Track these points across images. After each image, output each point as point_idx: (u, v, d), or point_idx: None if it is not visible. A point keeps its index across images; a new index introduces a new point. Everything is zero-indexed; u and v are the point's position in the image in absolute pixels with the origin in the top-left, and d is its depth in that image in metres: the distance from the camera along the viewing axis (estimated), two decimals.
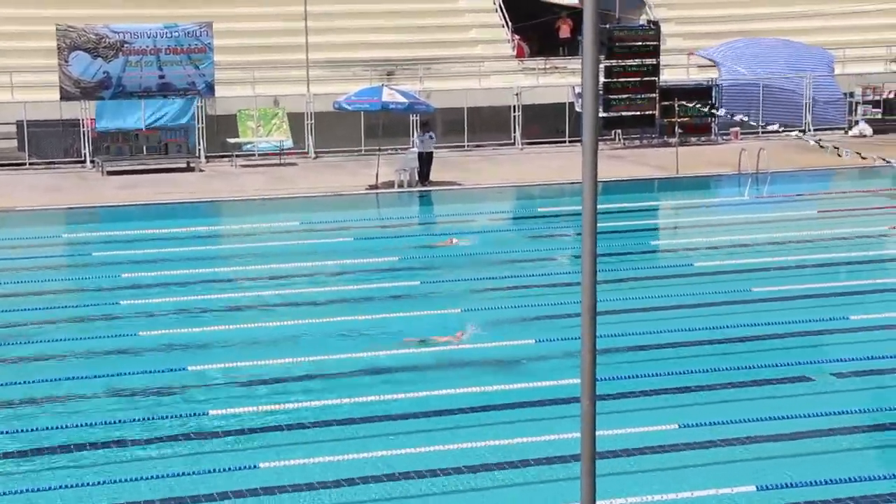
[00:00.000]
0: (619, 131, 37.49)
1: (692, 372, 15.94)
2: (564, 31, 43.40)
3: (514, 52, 40.59)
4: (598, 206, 5.61)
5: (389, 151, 33.23)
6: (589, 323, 5.49)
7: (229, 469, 12.90)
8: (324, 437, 13.99)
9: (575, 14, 42.13)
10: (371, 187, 30.88)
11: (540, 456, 13.13)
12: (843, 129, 38.47)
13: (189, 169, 33.51)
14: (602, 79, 36.01)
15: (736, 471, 12.80)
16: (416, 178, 31.36)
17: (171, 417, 14.52)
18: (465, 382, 15.63)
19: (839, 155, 27.68)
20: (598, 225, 5.67)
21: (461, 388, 15.35)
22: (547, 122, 36.97)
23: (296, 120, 35.04)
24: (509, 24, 40.93)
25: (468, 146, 36.66)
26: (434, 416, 14.53)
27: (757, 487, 12.14)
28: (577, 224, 5.87)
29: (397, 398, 15.01)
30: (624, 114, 36.42)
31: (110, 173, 32.75)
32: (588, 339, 5.49)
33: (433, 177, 31.57)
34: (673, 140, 34.29)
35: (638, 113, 36.47)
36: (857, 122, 38.40)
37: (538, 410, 14.67)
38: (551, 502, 11.88)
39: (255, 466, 12.90)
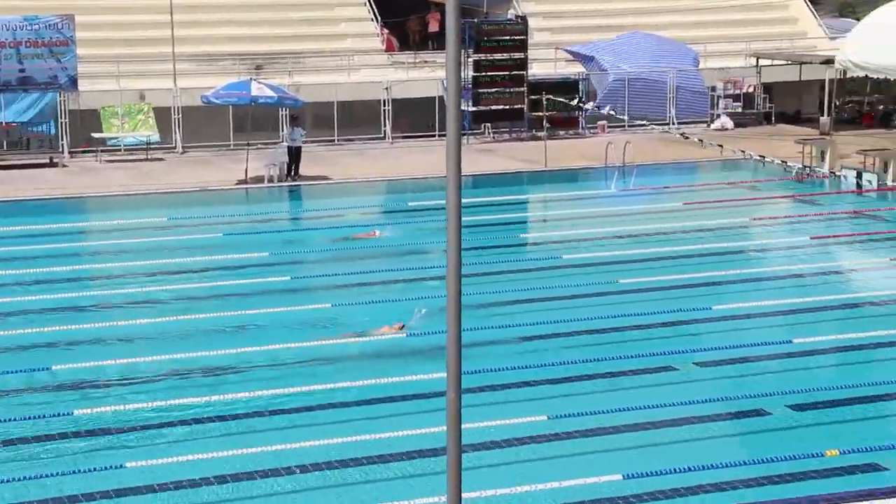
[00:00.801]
0: (489, 125, 37.72)
1: (560, 363, 16.12)
2: (433, 26, 43.54)
3: (384, 47, 40.56)
4: (468, 200, 5.64)
5: (259, 146, 32.94)
6: (454, 315, 5.50)
7: (94, 469, 12.65)
8: (194, 435, 13.81)
9: (443, 9, 42.23)
10: (240, 182, 30.56)
11: (409, 449, 13.14)
12: (706, 122, 39.29)
13: (52, 164, 32.73)
14: (471, 73, 36.24)
15: (602, 460, 12.98)
16: (286, 172, 31.15)
17: (34, 418, 14.16)
18: (339, 377, 15.59)
19: (702, 147, 28.28)
20: (468, 219, 5.69)
21: (332, 384, 15.30)
22: (417, 117, 37.01)
23: (162, 114, 34.49)
24: (378, 18, 40.87)
25: (338, 140, 36.52)
26: (296, 413, 14.47)
27: (623, 476, 12.32)
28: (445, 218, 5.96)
29: (265, 394, 14.89)
30: (493, 108, 36.69)
31: None
32: (453, 331, 5.51)
33: (303, 171, 31.39)
34: (541, 134, 34.63)
35: (507, 107, 36.77)
36: (718, 116, 39.25)
37: (408, 405, 14.68)
38: (419, 496, 11.87)
39: (121, 466, 12.69)
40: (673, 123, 38.63)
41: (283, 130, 33.86)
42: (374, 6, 41.01)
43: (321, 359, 16.54)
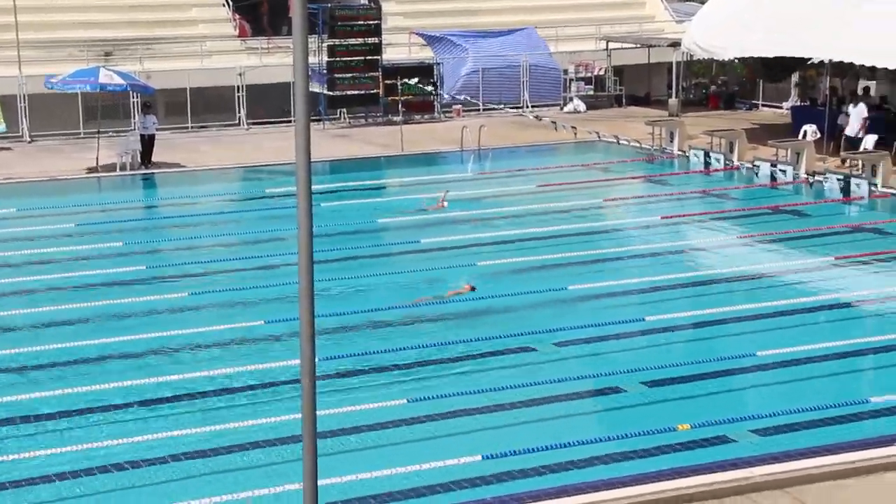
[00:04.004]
0: (345, 110, 37.61)
1: (418, 347, 16.21)
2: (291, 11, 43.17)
3: (237, 32, 40.10)
4: (325, 186, 5.64)
5: (110, 134, 32.30)
6: (307, 303, 5.50)
7: None
8: (38, 430, 13.53)
9: None
10: (91, 170, 29.94)
11: (266, 438, 13.08)
12: (560, 105, 39.81)
13: None
14: (325, 58, 36.09)
15: (463, 442, 13.09)
16: (139, 160, 30.62)
17: None
18: (197, 367, 15.43)
19: (556, 129, 28.61)
20: (325, 204, 5.69)
21: (189, 374, 15.14)
22: (272, 103, 36.69)
23: (8, 103, 33.55)
24: (230, 3, 40.38)
25: (192, 127, 36.01)
26: (152, 405, 14.29)
27: (483, 457, 12.43)
28: None
29: (121, 385, 14.65)
30: (348, 93, 36.61)
31: None
32: (306, 318, 5.51)
33: (156, 159, 30.89)
34: (397, 118, 34.66)
35: (362, 92, 36.72)
36: (571, 99, 39.79)
37: (266, 392, 14.61)
38: (275, 484, 11.80)
39: None
40: (527, 107, 39.04)
41: (135, 118, 33.25)
42: None
43: (180, 348, 16.33)
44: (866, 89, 34.86)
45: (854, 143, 29.36)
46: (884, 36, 28.33)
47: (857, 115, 29.76)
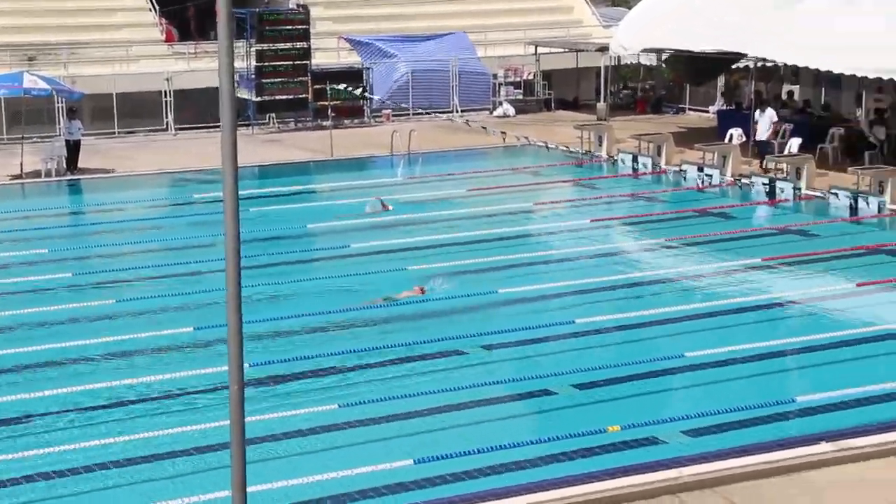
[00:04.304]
0: (274, 115, 37.43)
1: (349, 352, 16.15)
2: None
3: (164, 37, 39.74)
4: (253, 192, 5.59)
5: (35, 140, 31.87)
6: (234, 308, 5.45)
7: None
8: None
9: None
10: (15, 177, 29.51)
11: (197, 445, 12.97)
12: (489, 109, 39.93)
13: None
14: (254, 63, 35.91)
15: (395, 446, 13.06)
16: (64, 166, 30.25)
17: None
18: (120, 375, 15.25)
19: (487, 133, 28.68)
20: (255, 209, 5.64)
21: (116, 381, 14.96)
22: (201, 107, 36.40)
23: None
24: (156, 8, 40.02)
25: (119, 133, 35.65)
26: (80, 412, 14.11)
27: (414, 461, 12.41)
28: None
29: (43, 395, 14.44)
30: (277, 98, 36.45)
31: None
32: (234, 323, 5.46)
33: (83, 165, 30.53)
34: (327, 123, 34.57)
35: (291, 97, 36.58)
36: (500, 103, 39.93)
37: (195, 398, 14.48)
38: (205, 491, 11.70)
39: None
40: (456, 111, 39.12)
41: (60, 124, 32.82)
42: None
43: (109, 355, 16.15)
44: (790, 93, 35.36)
45: (763, 147, 29.70)
46: (811, 37, 28.71)
47: (766, 120, 30.09)
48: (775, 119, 30.07)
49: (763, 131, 30.00)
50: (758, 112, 30.50)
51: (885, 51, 26.72)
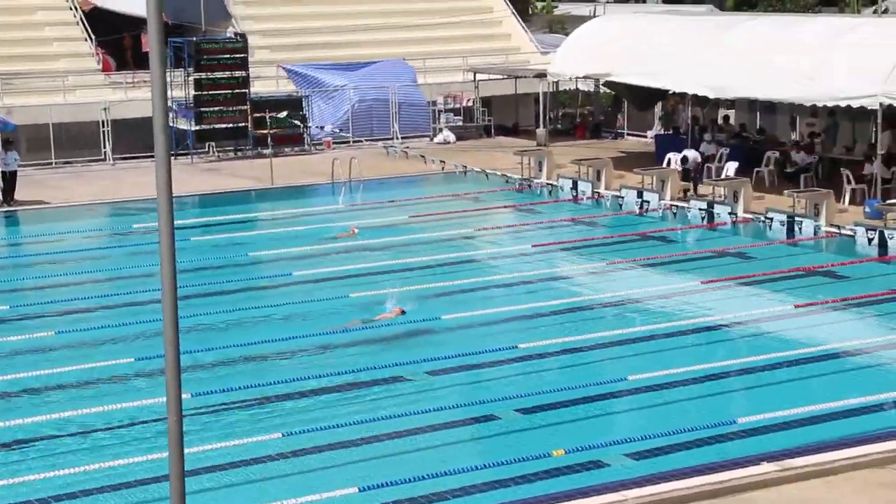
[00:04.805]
0: (214, 144, 37.22)
1: (291, 380, 16.05)
2: (147, 45, 42.54)
3: (100, 67, 39.44)
4: (193, 221, 5.54)
5: None
6: (171, 337, 5.39)
7: None
8: None
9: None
10: None
11: (138, 478, 12.80)
12: (430, 136, 39.98)
13: None
14: (192, 92, 35.73)
15: (339, 474, 13.00)
16: (1, 198, 29.87)
17: None
18: (59, 407, 15.04)
19: (425, 162, 28.66)
20: (195, 239, 5.58)
21: (54, 414, 14.75)
22: (139, 137, 36.08)
23: None
24: (93, 37, 39.72)
25: (56, 163, 35.28)
26: (15, 447, 13.90)
27: (359, 489, 12.34)
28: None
29: None
30: (216, 126, 36.28)
31: None
32: (171, 353, 5.40)
33: (19, 196, 30.18)
34: (267, 151, 34.45)
35: (230, 125, 36.42)
36: (441, 130, 40.00)
37: (134, 431, 14.32)
38: None
39: None
40: (397, 138, 39.15)
41: None
42: (86, 25, 39.81)
43: (48, 388, 15.93)
44: (726, 118, 35.74)
45: (687, 174, 29.85)
46: (738, 69, 29.18)
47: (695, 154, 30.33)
48: (699, 160, 30.22)
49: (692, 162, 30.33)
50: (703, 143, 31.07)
51: (815, 81, 27.34)
